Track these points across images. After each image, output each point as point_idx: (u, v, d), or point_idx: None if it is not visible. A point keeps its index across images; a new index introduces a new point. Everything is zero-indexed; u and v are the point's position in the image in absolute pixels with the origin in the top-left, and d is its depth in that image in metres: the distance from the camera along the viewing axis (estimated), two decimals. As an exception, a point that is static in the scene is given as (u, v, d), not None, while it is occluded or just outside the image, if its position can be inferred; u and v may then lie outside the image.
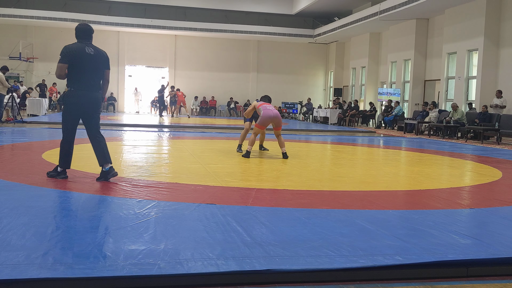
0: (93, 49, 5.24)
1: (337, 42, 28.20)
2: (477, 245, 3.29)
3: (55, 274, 2.48)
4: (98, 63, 5.28)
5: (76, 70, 5.14)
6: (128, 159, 7.41)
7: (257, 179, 5.83)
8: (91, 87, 5.22)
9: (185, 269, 2.62)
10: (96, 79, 5.27)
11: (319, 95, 30.52)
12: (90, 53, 5.19)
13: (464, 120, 15.38)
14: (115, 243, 3.02)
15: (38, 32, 26.86)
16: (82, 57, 5.13)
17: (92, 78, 5.23)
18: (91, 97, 5.23)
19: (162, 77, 28.93)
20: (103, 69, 5.36)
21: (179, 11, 27.60)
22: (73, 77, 5.16)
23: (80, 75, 5.15)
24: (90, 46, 5.24)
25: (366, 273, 2.77)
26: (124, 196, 4.48)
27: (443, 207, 4.54)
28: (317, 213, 4.10)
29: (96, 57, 5.24)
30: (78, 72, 5.14)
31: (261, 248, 3.02)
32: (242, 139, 8.73)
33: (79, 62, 5.12)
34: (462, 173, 7.53)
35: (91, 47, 5.24)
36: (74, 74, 5.15)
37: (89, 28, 5.31)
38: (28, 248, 2.85)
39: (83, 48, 5.16)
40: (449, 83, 18.33)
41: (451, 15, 17.66)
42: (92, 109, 5.28)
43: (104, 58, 5.36)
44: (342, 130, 18.14)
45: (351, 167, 7.48)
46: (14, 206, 3.89)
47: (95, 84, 5.27)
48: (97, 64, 5.27)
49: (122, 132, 12.87)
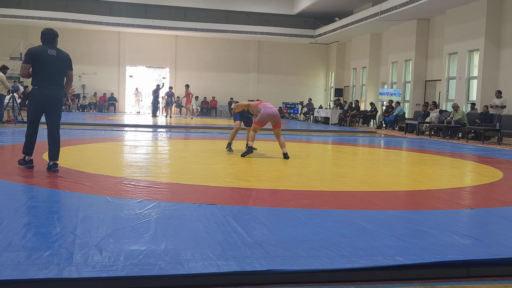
0: (56, 51, 5.78)
1: (338, 43, 28.20)
2: (477, 246, 3.29)
3: (56, 274, 2.48)
4: (60, 64, 5.79)
5: (38, 70, 5.66)
6: (129, 159, 7.42)
7: (258, 179, 5.84)
8: (53, 86, 5.72)
9: (186, 270, 2.62)
10: (57, 79, 5.78)
11: (320, 95, 30.52)
12: (52, 55, 5.72)
13: (465, 120, 15.38)
14: (115, 243, 3.02)
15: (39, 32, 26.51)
16: (44, 59, 5.66)
17: (54, 78, 5.73)
18: (52, 95, 5.73)
19: (163, 77, 28.95)
20: (65, 70, 5.89)
21: (180, 12, 27.61)
22: (36, 77, 5.69)
23: (42, 75, 5.67)
24: (52, 48, 5.78)
25: (367, 274, 2.77)
26: (125, 197, 4.48)
27: (444, 208, 4.54)
28: (317, 213, 4.10)
29: (58, 58, 5.77)
30: (40, 72, 5.66)
31: (261, 248, 3.02)
32: (232, 138, 8.78)
33: (41, 63, 5.65)
34: (463, 174, 7.53)
35: (53, 49, 5.77)
36: (37, 73, 5.67)
37: (53, 32, 5.87)
38: (28, 248, 2.85)
39: (45, 50, 5.71)
40: (450, 84, 18.33)
41: (452, 15, 17.66)
42: (52, 106, 5.78)
43: (66, 60, 5.87)
44: (343, 131, 18.14)
45: (351, 168, 7.48)
46: (15, 207, 3.89)
47: (57, 83, 5.77)
48: (59, 65, 5.78)
49: (123, 133, 12.87)
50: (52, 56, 5.72)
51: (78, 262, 2.66)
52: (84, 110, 26.99)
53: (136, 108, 28.15)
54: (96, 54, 27.40)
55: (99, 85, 27.68)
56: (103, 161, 7.08)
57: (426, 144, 12.93)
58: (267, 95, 29.27)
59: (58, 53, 5.79)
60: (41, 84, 5.68)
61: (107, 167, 6.42)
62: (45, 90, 5.69)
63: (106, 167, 6.34)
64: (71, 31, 26.89)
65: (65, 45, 26.86)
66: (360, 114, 22.53)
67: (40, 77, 5.67)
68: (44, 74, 5.67)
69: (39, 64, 5.66)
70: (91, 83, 27.63)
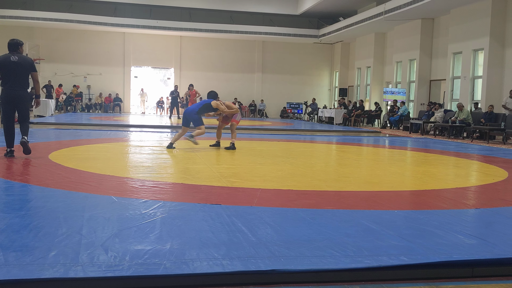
0: (18, 57, 6.71)
1: (342, 42, 28.17)
2: (482, 245, 3.29)
3: (62, 274, 2.50)
4: (22, 68, 6.69)
5: (3, 74, 6.68)
6: (134, 159, 7.44)
7: (262, 179, 5.84)
8: (16, 87, 6.68)
9: (191, 269, 2.63)
10: (21, 80, 6.71)
11: (324, 95, 30.49)
12: (14, 61, 6.63)
13: (470, 120, 15.32)
14: (121, 243, 3.04)
15: (44, 33, 26.98)
16: (7, 64, 6.62)
17: (17, 80, 6.67)
18: (16, 94, 6.71)
19: (168, 78, 28.99)
20: (29, 72, 6.81)
21: (184, 12, 27.65)
22: (3, 79, 6.75)
23: (7, 78, 6.66)
24: (15, 55, 6.71)
25: (371, 274, 2.77)
26: (130, 197, 4.50)
27: (449, 207, 4.53)
28: (322, 213, 4.10)
29: (19, 63, 6.67)
30: (5, 76, 6.67)
31: (266, 248, 3.03)
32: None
33: (5, 68, 6.63)
34: (468, 173, 7.51)
35: (16, 56, 6.70)
36: (3, 77, 6.71)
37: (15, 42, 6.83)
38: (35, 248, 2.87)
39: (9, 57, 6.65)
40: (455, 83, 18.27)
41: (456, 15, 17.61)
42: (17, 103, 6.78)
43: (27, 64, 6.77)
44: (347, 130, 18.12)
45: (356, 167, 7.48)
46: (21, 207, 3.92)
47: (20, 84, 6.72)
48: (21, 69, 6.68)
49: (128, 133, 12.90)
50: (14, 62, 6.63)
51: (84, 261, 2.67)
52: (90, 111, 27.07)
53: (141, 109, 28.18)
54: (101, 55, 27.48)
55: (104, 85, 27.75)
56: (109, 161, 7.10)
57: (431, 143, 12.90)
58: (272, 95, 29.29)
59: (20, 59, 6.71)
60: (6, 86, 6.71)
61: (113, 167, 6.44)
62: (10, 90, 6.68)
63: (112, 167, 6.37)
64: (76, 32, 26.98)
65: (69, 46, 27.07)
66: (365, 114, 22.49)
67: (5, 80, 6.69)
68: (8, 77, 6.64)
69: (4, 69, 6.65)
70: (96, 84, 27.71)
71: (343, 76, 28.76)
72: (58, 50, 26.97)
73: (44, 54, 26.86)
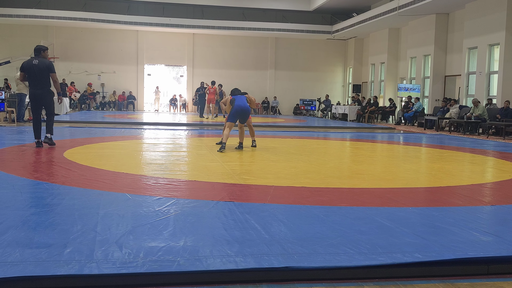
0: (38, 61, 7.83)
1: (356, 38, 28.00)
2: (498, 243, 3.25)
3: (77, 271, 2.52)
4: (41, 70, 7.79)
5: (28, 76, 7.93)
6: (148, 157, 7.48)
7: (275, 176, 5.84)
8: (38, 86, 7.85)
9: (204, 266, 2.64)
10: (42, 81, 7.83)
11: (338, 91, 30.35)
12: (35, 64, 7.80)
13: (486, 115, 15.15)
14: (135, 240, 3.06)
15: (59, 32, 27.22)
16: (30, 67, 7.82)
17: (39, 80, 7.82)
18: (38, 93, 7.89)
19: (181, 75, 29.09)
20: (48, 73, 7.87)
21: (197, 10, 27.69)
22: (28, 81, 8.06)
23: (31, 79, 7.93)
24: (37, 59, 7.86)
25: (385, 271, 2.76)
26: (144, 194, 4.53)
27: (464, 204, 4.49)
28: (335, 210, 4.09)
29: (39, 66, 7.78)
30: (29, 77, 7.92)
31: (279, 245, 3.03)
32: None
33: (28, 71, 7.85)
34: (483, 170, 7.43)
35: (37, 59, 7.84)
36: (28, 78, 7.98)
37: (38, 47, 8.02)
38: (51, 245, 2.91)
39: (31, 61, 7.87)
40: (470, 79, 18.06)
41: (471, 9, 17.39)
42: (40, 100, 7.97)
43: (45, 66, 7.83)
44: (361, 127, 18.02)
45: (370, 164, 7.44)
46: (37, 204, 3.97)
47: (41, 84, 7.84)
48: (41, 71, 7.79)
49: (142, 131, 12.98)
50: (35, 65, 7.79)
51: (99, 258, 2.70)
52: (104, 109, 27.27)
53: (155, 106, 28.30)
54: (114, 53, 27.65)
55: (118, 83, 27.92)
56: (123, 159, 7.15)
57: (446, 140, 12.78)
58: (285, 92, 29.22)
59: (39, 62, 7.82)
60: (30, 86, 8.02)
61: (127, 164, 6.49)
62: (33, 90, 7.91)
63: (126, 165, 6.41)
64: (89, 30, 27.18)
65: (84, 44, 27.27)
66: (379, 110, 22.35)
67: (30, 81, 7.98)
68: (31, 78, 7.89)
69: (28, 72, 7.84)
70: (110, 82, 27.89)
71: (356, 72, 28.59)
72: (72, 48, 27.17)
73: (58, 53, 27.11)
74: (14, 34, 26.56)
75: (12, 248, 2.83)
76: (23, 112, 14.67)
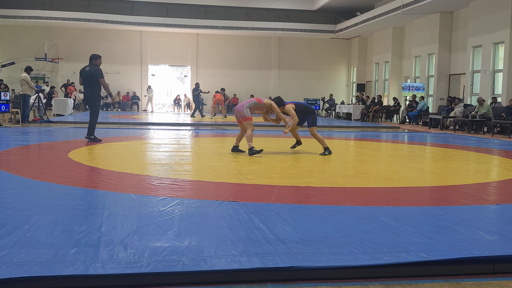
0: (90, 67, 9.20)
1: (360, 37, 27.95)
2: (503, 242, 3.24)
3: (82, 271, 2.53)
4: (91, 76, 9.14)
5: (82, 81, 9.33)
6: (152, 157, 7.49)
7: (280, 176, 5.84)
8: (87, 89, 9.37)
9: (209, 266, 2.64)
10: (91, 85, 9.21)
11: (342, 91, 30.31)
12: (87, 70, 9.20)
13: (490, 114, 15.09)
14: (140, 240, 3.06)
15: (63, 33, 27.31)
16: (82, 73, 9.29)
17: (88, 85, 9.24)
18: (86, 95, 9.55)
19: (185, 75, 29.12)
20: (97, 78, 9.14)
21: (201, 10, 27.72)
22: (83, 85, 9.42)
23: (84, 83, 9.33)
24: (88, 66, 9.25)
25: (390, 270, 2.75)
26: (148, 194, 4.53)
27: (469, 203, 4.48)
28: (340, 210, 4.08)
29: (89, 72, 9.15)
30: (83, 82, 9.32)
31: (283, 245, 3.03)
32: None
33: (82, 76, 9.31)
34: (489, 168, 7.40)
35: (89, 66, 9.24)
36: (82, 83, 9.34)
37: (91, 56, 9.41)
38: (56, 245, 2.91)
39: (85, 68, 9.30)
40: (475, 77, 18.01)
41: (476, 7, 17.34)
42: (88, 101, 9.64)
43: (94, 72, 9.14)
44: (366, 126, 17.99)
45: (374, 163, 7.42)
46: (42, 205, 3.98)
47: (90, 87, 9.24)
48: (90, 76, 9.14)
49: (146, 131, 13.00)
50: (86, 71, 9.19)
51: (104, 258, 2.70)
52: (108, 109, 27.33)
53: (147, 107, 27.61)
54: (118, 54, 27.71)
55: (122, 84, 27.98)
56: (128, 159, 7.17)
57: (451, 139, 12.74)
58: (288, 91, 29.19)
59: (90, 68, 9.18)
60: (84, 89, 9.52)
61: (131, 165, 6.50)
62: (84, 92, 9.57)
63: (130, 165, 6.42)
64: (93, 31, 27.24)
65: (88, 45, 27.30)
66: (383, 109, 22.30)
67: (84, 85, 9.38)
68: (84, 83, 9.29)
69: (81, 77, 9.32)
70: (114, 82, 27.92)
71: (360, 71, 28.55)
72: (76, 49, 27.25)
73: (62, 54, 27.19)
74: (18, 35, 26.66)
75: (17, 248, 2.84)
76: (28, 113, 14.72)
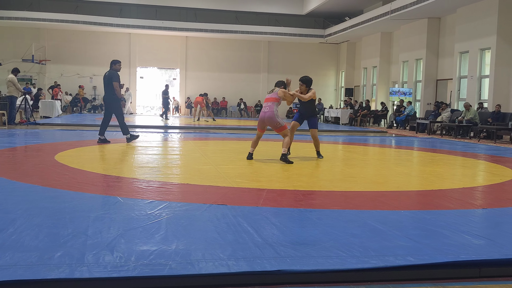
0: (108, 72, 9.77)
1: (348, 42, 28.11)
2: (490, 246, 3.26)
3: (68, 274, 2.50)
4: (108, 80, 9.69)
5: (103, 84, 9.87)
6: (139, 160, 7.45)
7: (268, 180, 5.83)
8: (106, 92, 9.87)
9: (196, 270, 2.63)
10: (108, 88, 9.74)
11: (330, 95, 30.44)
12: (106, 75, 9.80)
13: (477, 119, 15.25)
14: (126, 243, 3.04)
15: (50, 34, 27.11)
16: (103, 77, 9.88)
17: (106, 88, 9.80)
18: (105, 98, 10.08)
19: (174, 78, 29.05)
20: (110, 82, 9.64)
21: (190, 13, 27.69)
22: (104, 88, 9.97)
23: (104, 87, 9.87)
24: (108, 71, 9.79)
25: (378, 274, 2.75)
26: (135, 197, 4.50)
27: (456, 207, 4.51)
28: (328, 213, 4.09)
29: (107, 76, 9.73)
30: (104, 85, 9.85)
31: (271, 248, 3.02)
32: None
33: (103, 80, 9.86)
34: (475, 173, 7.47)
35: (108, 71, 9.79)
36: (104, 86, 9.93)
37: (112, 61, 9.90)
38: (41, 249, 2.88)
39: (106, 72, 9.88)
40: (462, 83, 18.18)
41: (463, 14, 17.52)
42: (106, 103, 10.08)
43: (109, 76, 9.68)
44: (354, 130, 18.07)
45: (362, 167, 7.45)
46: (28, 208, 3.93)
47: (108, 91, 9.77)
48: (108, 80, 9.70)
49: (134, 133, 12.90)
50: (105, 75, 9.81)
51: (90, 262, 2.67)
52: (96, 112, 27.14)
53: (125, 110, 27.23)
54: (107, 56, 27.52)
55: (110, 86, 27.79)
56: (115, 162, 7.12)
57: (438, 143, 12.84)
58: (277, 95, 29.20)
59: (108, 73, 9.75)
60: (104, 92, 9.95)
61: (118, 168, 6.45)
62: (104, 95, 10.00)
63: (118, 168, 6.38)
64: (82, 33, 27.08)
65: (76, 47, 27.17)
66: (371, 113, 22.43)
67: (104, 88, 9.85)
68: (104, 87, 9.83)
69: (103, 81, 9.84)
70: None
71: (349, 76, 28.69)
72: (64, 51, 27.07)
73: (50, 55, 26.98)
74: (5, 36, 26.42)
75: (1, 251, 2.80)
76: (14, 115, 14.57)
